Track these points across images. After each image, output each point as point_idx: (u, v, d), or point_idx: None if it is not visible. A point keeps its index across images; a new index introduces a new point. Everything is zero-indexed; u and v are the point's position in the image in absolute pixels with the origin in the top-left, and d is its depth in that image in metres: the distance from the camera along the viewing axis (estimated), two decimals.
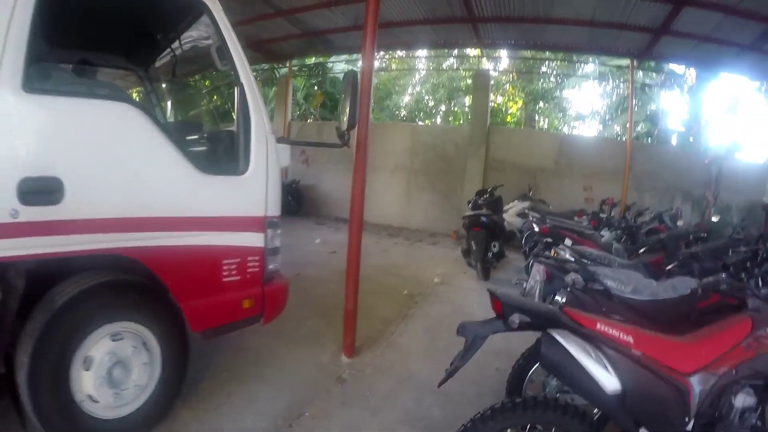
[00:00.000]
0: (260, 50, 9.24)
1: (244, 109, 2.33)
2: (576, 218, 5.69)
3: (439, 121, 16.98)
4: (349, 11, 6.85)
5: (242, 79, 2.33)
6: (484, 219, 5.70)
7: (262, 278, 2.50)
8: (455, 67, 15.60)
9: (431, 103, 17.39)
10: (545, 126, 15.92)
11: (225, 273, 2.34)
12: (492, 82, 11.20)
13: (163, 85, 3.88)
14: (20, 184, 1.71)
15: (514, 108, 16.15)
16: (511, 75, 15.15)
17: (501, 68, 14.90)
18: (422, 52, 11.51)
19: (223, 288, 2.36)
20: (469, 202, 6.53)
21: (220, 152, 2.56)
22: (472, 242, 5.64)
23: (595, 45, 7.43)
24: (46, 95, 1.84)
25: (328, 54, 10.68)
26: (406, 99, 17.63)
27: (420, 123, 16.06)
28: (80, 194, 1.87)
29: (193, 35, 2.93)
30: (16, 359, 1.87)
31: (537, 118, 15.96)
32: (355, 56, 10.88)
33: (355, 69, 9.84)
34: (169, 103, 3.69)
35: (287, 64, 10.68)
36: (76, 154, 1.88)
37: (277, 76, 11.88)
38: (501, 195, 6.46)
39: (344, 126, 2.58)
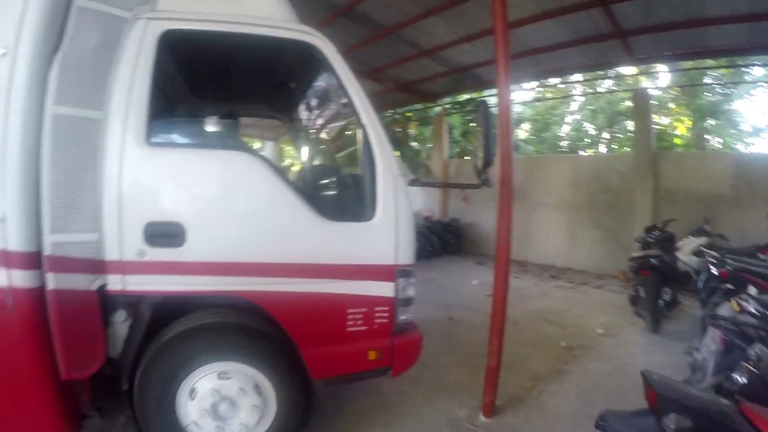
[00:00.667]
0: (410, 91, 9.61)
1: (369, 152, 2.25)
2: (761, 255, 4.53)
3: (603, 149, 15.50)
4: (488, 43, 6.58)
5: (365, 121, 2.26)
6: (653, 261, 4.93)
7: (391, 330, 2.37)
8: (613, 89, 14.21)
9: (592, 131, 16.02)
10: (718, 145, 13.46)
11: (350, 322, 2.27)
12: (653, 102, 9.88)
13: (295, 131, 4.02)
14: (146, 228, 1.99)
15: (681, 128, 13.98)
16: (673, 91, 13.17)
17: (661, 85, 13.13)
18: (577, 77, 10.75)
19: (348, 337, 2.29)
20: (637, 240, 5.81)
21: (345, 198, 2.53)
22: (641, 288, 4.90)
23: (760, 42, 6.00)
24: (167, 148, 2.12)
25: (478, 89, 10.54)
26: (565, 129, 16.56)
27: (581, 153, 14.93)
28: (201, 238, 2.05)
29: (317, 80, 2.96)
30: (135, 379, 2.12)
31: (708, 137, 13.57)
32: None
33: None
34: (301, 149, 3.90)
35: (439, 103, 10.91)
36: (196, 201, 2.09)
37: (432, 115, 12.21)
38: (673, 231, 5.61)
39: (481, 163, 2.40)
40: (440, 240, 9.40)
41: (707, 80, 12.09)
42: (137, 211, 1.99)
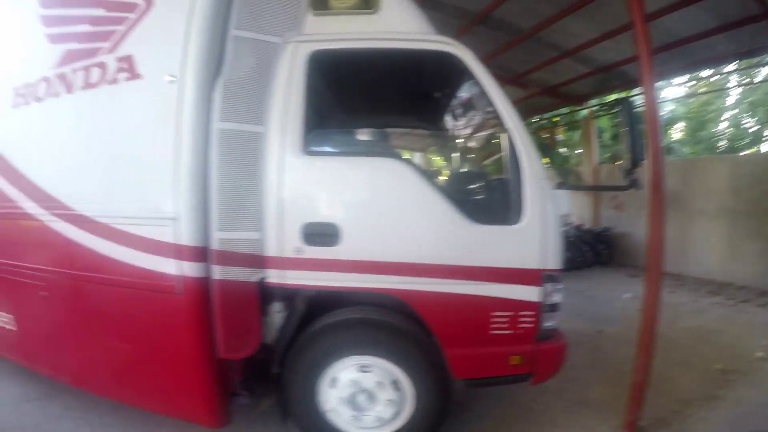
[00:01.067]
0: (555, 95, 9.29)
1: (514, 156, 2.25)
2: None
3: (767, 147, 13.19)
4: (631, 38, 6.23)
5: (509, 125, 2.26)
6: None
7: (535, 335, 2.32)
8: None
9: (754, 127, 13.80)
10: None
11: (494, 325, 2.26)
12: None
13: (439, 138, 4.15)
14: (304, 228, 2.20)
15: None
16: None
17: None
18: (730, 68, 9.29)
19: (491, 340, 2.29)
20: None
21: (492, 202, 2.53)
22: None
23: None
24: (322, 156, 2.32)
25: (626, 88, 9.69)
26: (722, 126, 14.54)
27: (741, 153, 12.92)
28: (354, 238, 2.20)
29: (459, 88, 2.99)
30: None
31: None
32: (659, 83, 9.64)
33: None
34: (447, 155, 3.97)
35: (586, 105, 10.32)
36: (349, 204, 2.25)
37: (579, 118, 11.58)
38: None
39: (628, 164, 2.27)
40: (591, 250, 8.87)
41: None
42: (296, 213, 2.21)
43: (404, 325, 2.31)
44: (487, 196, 2.66)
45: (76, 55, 2.58)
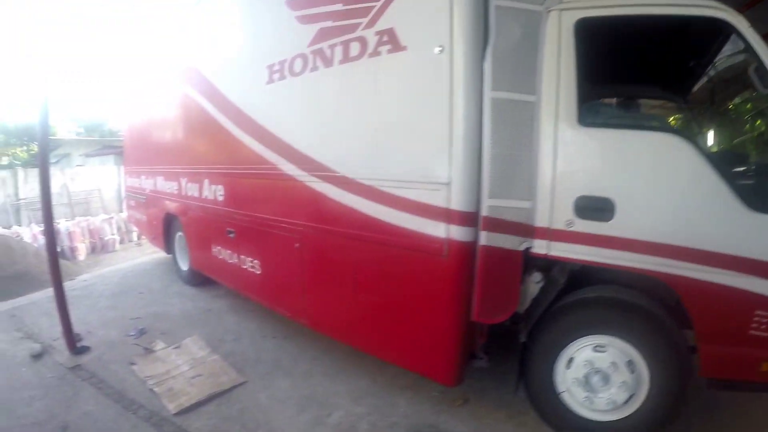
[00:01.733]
0: None
1: None
2: None
3: None
4: None
5: None
6: None
7: None
8: None
9: None
10: None
11: (754, 324, 2.04)
12: None
13: (702, 113, 3.77)
14: (577, 201, 2.14)
15: None
16: None
17: None
18: None
19: (748, 341, 2.06)
20: None
21: None
22: None
23: None
24: (598, 128, 2.19)
25: None
26: None
27: None
28: (629, 216, 2.09)
29: (727, 57, 2.76)
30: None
31: None
32: None
33: None
34: (709, 132, 3.59)
35: None
36: (626, 179, 2.11)
37: None
38: None
39: None
40: None
41: None
42: (569, 185, 2.17)
43: (645, 306, 2.22)
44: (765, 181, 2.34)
45: (331, 32, 2.78)
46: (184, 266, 5.30)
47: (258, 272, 3.72)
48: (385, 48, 2.51)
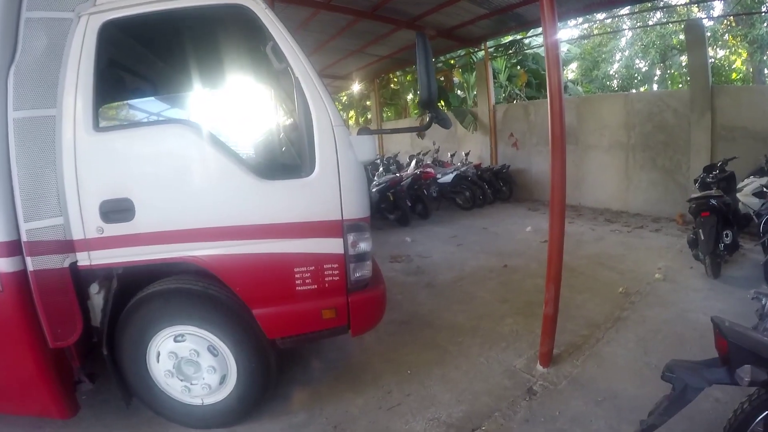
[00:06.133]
0: (451, 37, 9.24)
1: (304, 106, 2.17)
2: None
3: (655, 87, 14.03)
4: None
5: (297, 72, 2.15)
6: (713, 202, 4.47)
7: (344, 287, 2.31)
8: (663, 21, 12.83)
9: (644, 68, 14.62)
10: None
11: (298, 281, 2.25)
12: (708, 34, 8.87)
13: (233, 96, 3.84)
14: (101, 206, 2.11)
15: (738, 62, 12.51)
16: (728, 22, 11.59)
17: (714, 15, 11.48)
18: (626, 11, 9.63)
19: (298, 297, 2.27)
20: (695, 181, 5.39)
21: (283, 156, 2.48)
22: (700, 231, 4.45)
23: None
24: (111, 131, 2.20)
25: (522, 30, 10.03)
26: (615, 66, 15.27)
27: (633, 91, 13.70)
28: (149, 210, 2.14)
29: (250, 42, 2.84)
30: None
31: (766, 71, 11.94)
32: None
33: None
34: (242, 113, 3.70)
35: (482, 47, 10.40)
36: (140, 176, 2.15)
37: (475, 60, 11.70)
38: (733, 170, 5.15)
39: (424, 102, 2.23)
40: (491, 187, 9.23)
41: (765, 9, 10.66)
42: (92, 192, 2.12)
43: (209, 291, 2.27)
44: (278, 152, 2.60)
45: None
46: None
47: None
48: None
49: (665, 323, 3.48)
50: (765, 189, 4.75)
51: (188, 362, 2.33)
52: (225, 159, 2.17)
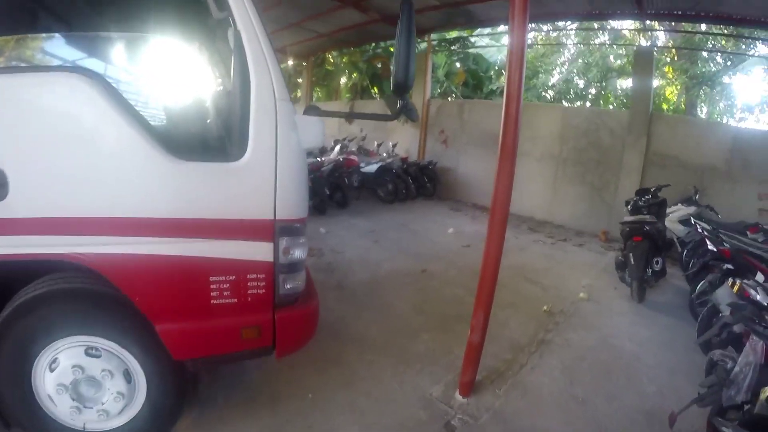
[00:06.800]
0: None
1: (242, 69, 1.66)
2: (749, 233, 4.35)
3: (588, 105, 14.83)
4: None
5: (240, 25, 1.67)
6: (647, 228, 4.59)
7: (271, 302, 1.88)
8: (608, 44, 13.41)
9: (581, 84, 15.22)
10: (705, 115, 12.97)
11: (214, 293, 1.79)
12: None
13: (151, 46, 3.03)
14: None
15: (669, 93, 13.33)
16: (670, 54, 12.36)
17: (659, 45, 12.16)
18: (572, 27, 9.87)
19: (213, 312, 1.81)
20: (627, 203, 5.52)
21: (203, 130, 1.99)
22: (630, 255, 4.54)
23: None
24: None
25: (470, 27, 9.81)
26: (554, 78, 15.63)
27: (572, 105, 14.19)
28: (26, 188, 1.57)
29: None
30: None
31: (699, 105, 13.00)
32: (500, 30, 9.53)
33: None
34: (162, 70, 3.01)
35: (426, 39, 9.97)
36: (17, 139, 1.56)
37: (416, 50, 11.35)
38: (665, 197, 5.35)
39: (396, 89, 1.84)
40: (415, 182, 8.99)
41: (709, 47, 11.42)
42: None
43: (111, 295, 1.77)
44: (200, 124, 2.09)
45: None
46: None
47: None
48: None
49: (590, 350, 3.44)
50: (692, 219, 4.97)
51: (90, 381, 1.85)
52: (127, 126, 1.61)
